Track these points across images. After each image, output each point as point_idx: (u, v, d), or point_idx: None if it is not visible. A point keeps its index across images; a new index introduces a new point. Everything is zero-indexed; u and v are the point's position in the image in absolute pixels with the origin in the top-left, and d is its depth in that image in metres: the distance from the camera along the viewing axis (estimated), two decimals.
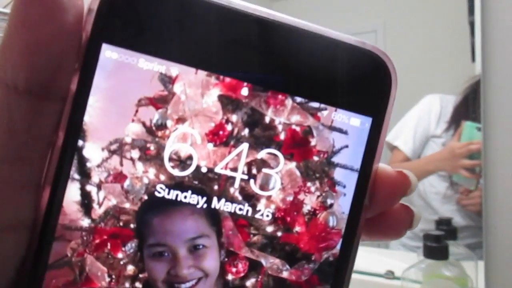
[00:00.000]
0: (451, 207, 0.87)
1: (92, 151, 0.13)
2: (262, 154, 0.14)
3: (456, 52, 0.95)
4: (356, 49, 0.14)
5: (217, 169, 0.14)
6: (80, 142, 0.13)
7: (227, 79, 0.13)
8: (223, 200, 0.14)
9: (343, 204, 0.14)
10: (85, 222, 0.13)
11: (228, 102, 0.14)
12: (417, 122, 0.94)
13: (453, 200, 0.87)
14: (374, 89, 0.14)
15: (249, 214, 0.14)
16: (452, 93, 0.91)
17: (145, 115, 0.13)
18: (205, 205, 0.14)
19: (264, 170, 0.14)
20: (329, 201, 0.14)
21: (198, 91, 0.13)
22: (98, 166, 0.13)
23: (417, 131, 0.93)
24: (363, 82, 0.14)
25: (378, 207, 0.15)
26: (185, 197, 0.14)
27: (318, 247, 0.14)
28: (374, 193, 0.14)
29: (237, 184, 0.14)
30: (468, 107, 0.82)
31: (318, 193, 0.14)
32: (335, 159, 0.14)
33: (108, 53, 0.13)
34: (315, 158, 0.14)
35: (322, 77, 0.14)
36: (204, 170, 0.14)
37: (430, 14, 1.02)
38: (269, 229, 0.14)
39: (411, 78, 1.06)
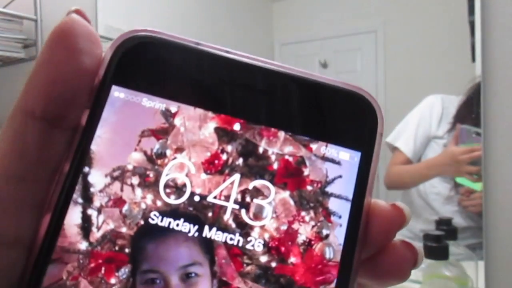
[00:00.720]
0: (452, 208, 0.87)
1: (96, 177, 0.14)
2: (256, 183, 0.14)
3: (456, 52, 0.95)
4: (342, 91, 0.15)
5: (210, 198, 0.14)
6: (86, 169, 0.14)
7: (223, 115, 0.15)
8: (215, 228, 0.14)
9: (339, 235, 0.14)
10: (83, 245, 0.14)
11: (224, 134, 0.14)
12: (418, 123, 0.94)
13: (454, 201, 0.87)
14: (361, 126, 0.15)
15: (242, 243, 0.14)
16: (451, 93, 0.91)
17: (147, 145, 0.14)
18: (196, 233, 0.14)
19: (258, 198, 0.14)
20: (324, 232, 0.14)
21: (196, 124, 0.14)
22: (100, 191, 0.14)
23: (418, 132, 0.93)
24: (350, 120, 0.15)
25: (375, 243, 0.14)
26: (177, 224, 0.14)
27: (315, 281, 0.14)
28: (369, 228, 0.14)
29: (230, 212, 0.14)
30: (473, 108, 0.82)
31: (313, 223, 0.14)
32: (329, 189, 0.14)
33: (117, 93, 0.14)
34: (309, 188, 0.14)
35: (312, 117, 0.15)
36: (197, 198, 0.14)
37: (430, 14, 1.02)
38: (263, 259, 0.14)
39: (411, 78, 1.06)
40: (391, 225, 0.14)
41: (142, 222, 0.14)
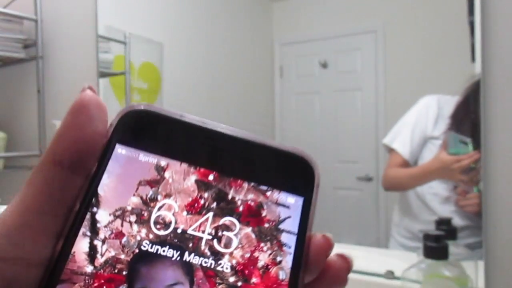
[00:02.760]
0: (450, 208, 0.86)
1: (102, 215, 0.18)
2: (226, 220, 0.19)
3: (456, 52, 0.95)
4: (288, 153, 0.19)
5: (190, 231, 0.18)
6: (94, 209, 0.18)
7: (202, 169, 0.19)
8: (194, 254, 0.18)
9: (289, 261, 0.18)
10: (89, 269, 0.17)
11: (202, 184, 0.19)
12: (414, 124, 0.93)
13: (451, 201, 0.87)
14: (303, 178, 0.19)
15: (215, 266, 0.18)
16: (452, 93, 0.91)
17: (143, 191, 0.18)
18: (179, 258, 0.18)
19: (228, 232, 0.18)
20: (278, 258, 0.18)
21: (181, 177, 0.19)
22: (105, 226, 0.18)
23: (414, 133, 0.93)
24: (296, 173, 0.19)
25: (315, 264, 0.18)
26: (164, 251, 0.18)
27: None
28: (309, 254, 0.18)
29: (205, 242, 0.18)
30: (470, 107, 0.82)
31: (269, 252, 0.18)
32: (281, 226, 0.19)
33: (119, 150, 0.19)
34: (266, 225, 0.19)
35: (267, 172, 0.19)
36: (180, 231, 0.18)
37: (430, 14, 1.02)
38: (232, 279, 0.18)
39: (411, 78, 1.06)
40: (323, 250, 0.18)
41: (137, 250, 0.18)
